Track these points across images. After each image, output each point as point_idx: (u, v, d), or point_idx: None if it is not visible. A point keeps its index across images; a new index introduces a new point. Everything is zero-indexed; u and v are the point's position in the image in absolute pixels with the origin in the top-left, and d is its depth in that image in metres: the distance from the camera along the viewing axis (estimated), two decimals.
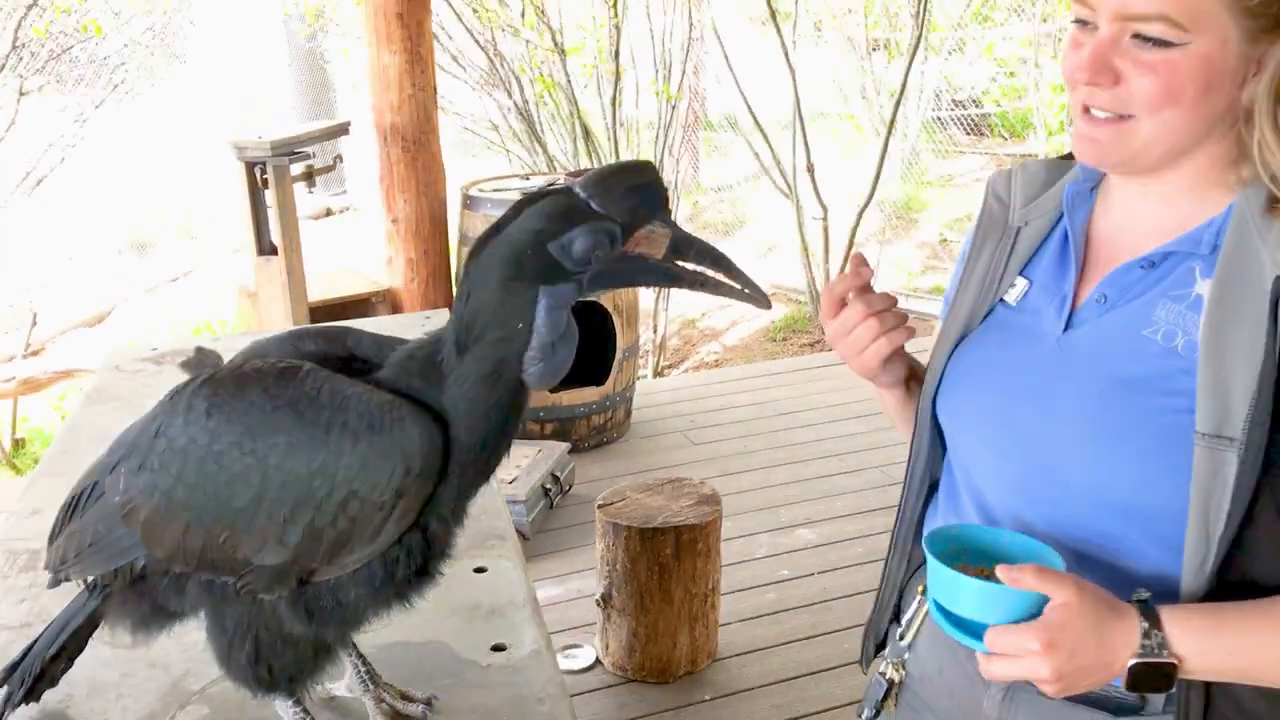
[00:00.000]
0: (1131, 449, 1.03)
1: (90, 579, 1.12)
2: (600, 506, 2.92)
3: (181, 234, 8.64)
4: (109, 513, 1.06)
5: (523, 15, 6.23)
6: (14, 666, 1.16)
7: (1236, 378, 0.97)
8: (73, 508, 1.13)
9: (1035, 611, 0.99)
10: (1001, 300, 1.19)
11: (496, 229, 0.95)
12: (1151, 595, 1.01)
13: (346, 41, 7.22)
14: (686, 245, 0.97)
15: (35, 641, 1.17)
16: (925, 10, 6.58)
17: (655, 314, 6.29)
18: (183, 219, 8.66)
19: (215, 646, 1.08)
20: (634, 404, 4.59)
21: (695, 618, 2.92)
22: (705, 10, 7.14)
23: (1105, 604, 0.98)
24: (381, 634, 1.27)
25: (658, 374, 6.14)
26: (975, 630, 1.02)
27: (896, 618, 1.34)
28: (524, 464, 3.78)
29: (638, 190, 0.93)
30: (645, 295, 6.18)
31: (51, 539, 1.15)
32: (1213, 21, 0.98)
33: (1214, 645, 0.98)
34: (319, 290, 4.18)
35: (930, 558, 1.04)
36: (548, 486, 3.80)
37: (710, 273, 0.98)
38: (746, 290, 0.98)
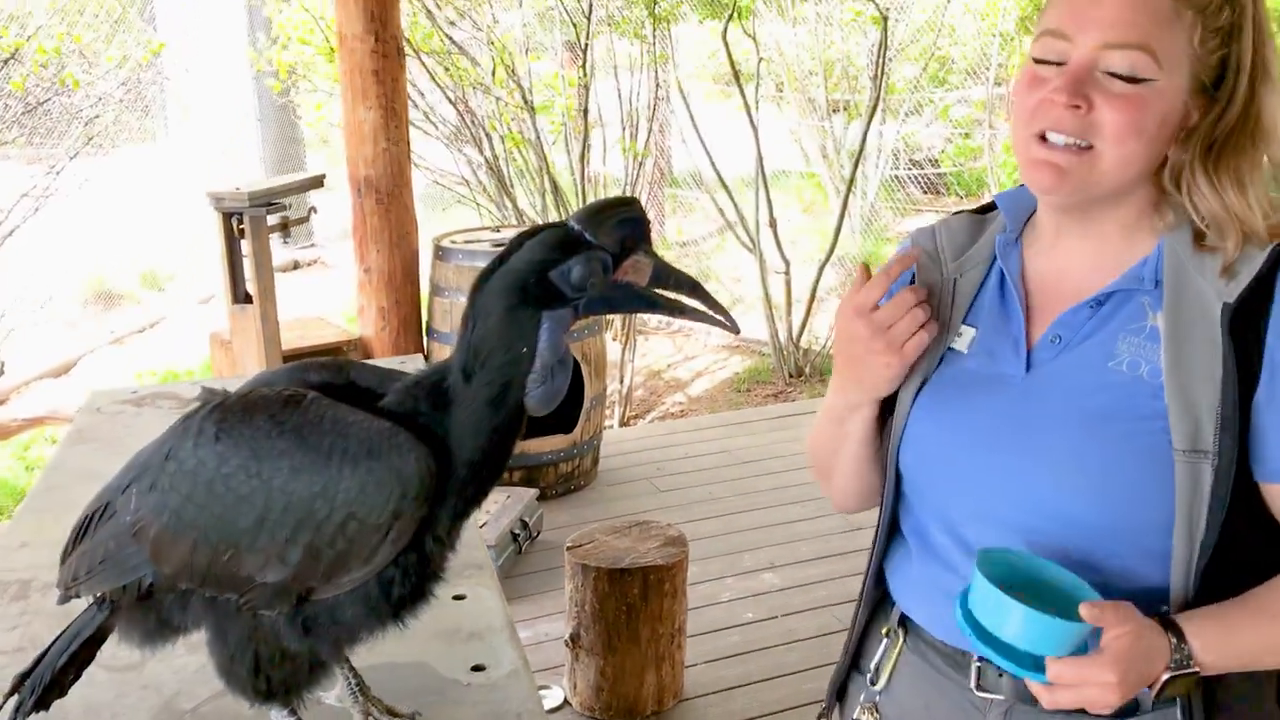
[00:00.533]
0: (1117, 473, 1.10)
1: (100, 595, 1.18)
2: (569, 548, 2.99)
3: (148, 285, 8.65)
4: (120, 531, 1.11)
5: (493, 74, 6.38)
6: (25, 675, 1.20)
7: (1202, 396, 1.08)
8: (85, 528, 1.18)
9: (1081, 641, 1.04)
10: (950, 348, 1.26)
11: (500, 261, 1.03)
12: (1169, 609, 1.09)
13: (318, 97, 7.33)
14: (667, 274, 1.06)
15: (45, 652, 1.21)
16: (883, 74, 6.81)
17: (622, 365, 6.38)
18: (150, 270, 8.68)
19: (216, 659, 1.13)
20: (601, 452, 4.66)
21: (662, 657, 2.98)
22: (670, 71, 7.34)
23: (1148, 626, 1.06)
24: (368, 655, 1.33)
25: (624, 424, 6.22)
26: (1011, 652, 1.05)
27: (856, 664, 1.39)
28: (493, 510, 3.84)
29: (626, 222, 1.02)
30: (613, 346, 6.29)
31: (63, 558, 1.19)
32: (1177, 65, 1.09)
33: (1227, 647, 1.07)
34: (292, 339, 4.24)
35: (984, 581, 1.06)
36: (516, 532, 3.86)
37: (687, 300, 1.07)
38: (719, 316, 1.07)
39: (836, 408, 1.32)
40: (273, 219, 3.94)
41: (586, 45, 6.25)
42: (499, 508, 3.86)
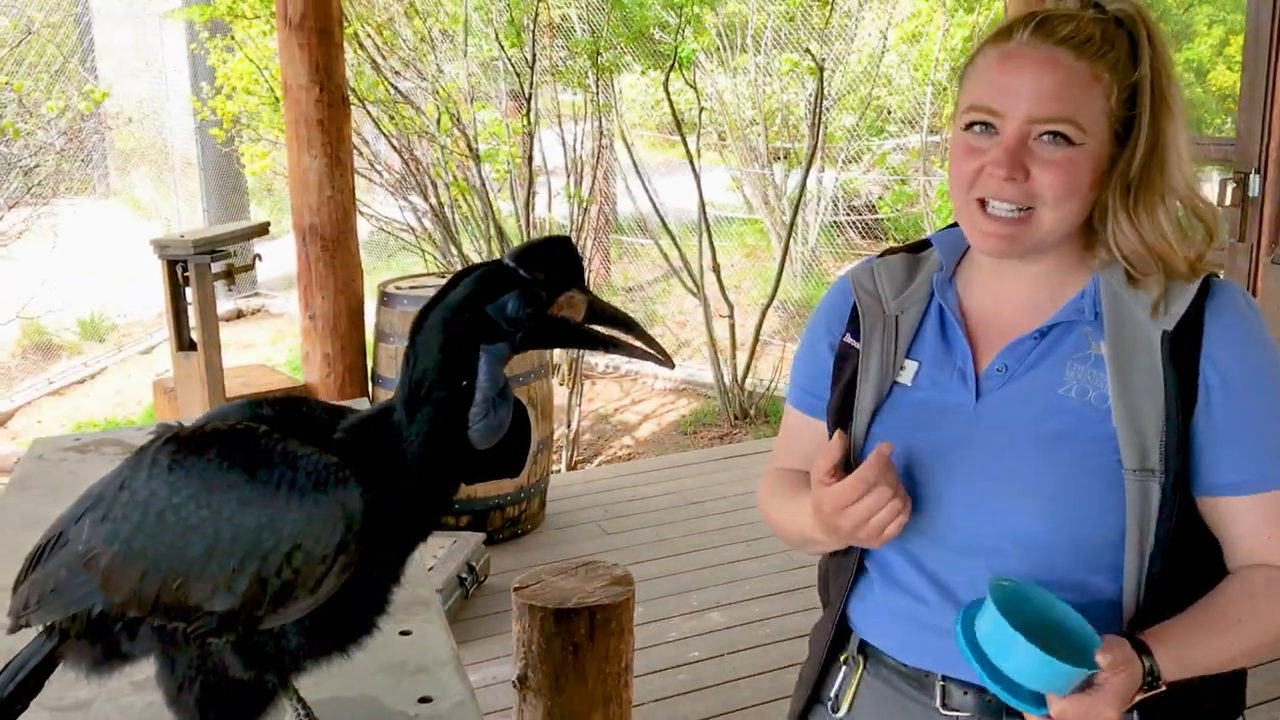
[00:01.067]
0: (1070, 492, 1.17)
1: (49, 624, 1.18)
2: (516, 589, 3.00)
3: (88, 335, 8.54)
4: (72, 560, 1.12)
5: (438, 122, 6.45)
6: None
7: (1147, 418, 1.16)
8: (38, 556, 1.18)
9: (1079, 681, 1.08)
10: (896, 382, 1.31)
11: (438, 299, 1.07)
12: (1139, 631, 1.14)
13: (261, 146, 7.34)
14: (602, 311, 1.10)
15: None
16: (820, 122, 6.99)
17: (569, 409, 6.41)
18: (90, 319, 8.57)
19: (164, 689, 1.14)
20: (548, 496, 4.68)
21: (609, 697, 2.99)
22: (615, 119, 7.46)
23: (1134, 658, 1.10)
24: (315, 689, 1.36)
25: (571, 467, 6.24)
26: (1008, 683, 1.09)
27: (816, 695, 1.42)
28: (439, 554, 3.84)
29: (559, 259, 1.07)
30: (560, 391, 6.32)
31: (15, 586, 1.20)
32: (1098, 124, 1.17)
33: (1188, 661, 1.13)
34: (236, 386, 4.23)
35: (997, 615, 1.09)
36: (463, 576, 3.86)
37: (623, 336, 1.11)
38: (653, 351, 1.12)
39: (813, 536, 1.31)
40: (217, 266, 3.96)
41: (530, 94, 6.35)
42: (445, 552, 3.86)
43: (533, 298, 1.06)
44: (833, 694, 1.38)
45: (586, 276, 1.11)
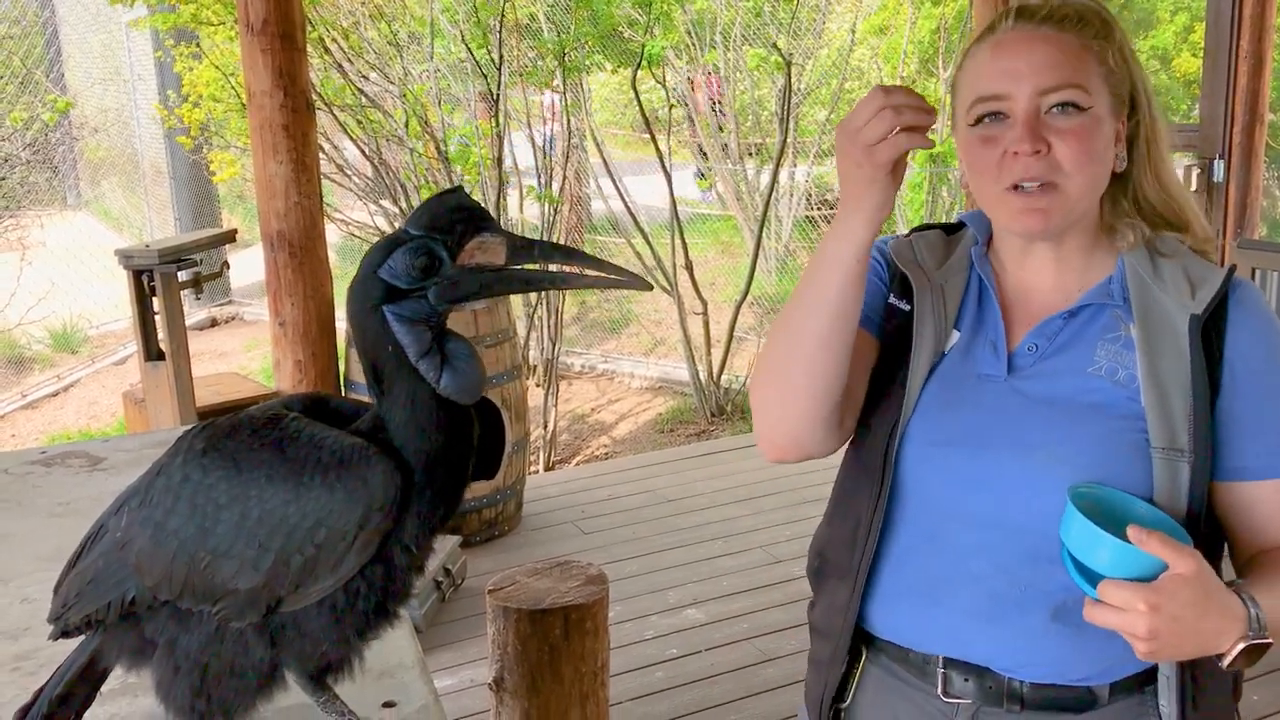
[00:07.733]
0: (1100, 466, 1.18)
1: (88, 619, 1.19)
2: (490, 591, 3.00)
3: (60, 347, 8.48)
4: (109, 549, 1.16)
5: (406, 125, 6.43)
6: (25, 710, 1.22)
7: (1175, 400, 1.18)
8: (78, 554, 1.22)
9: (1153, 576, 1.06)
10: (944, 352, 1.32)
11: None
12: (1245, 581, 1.13)
13: (231, 153, 7.30)
14: (527, 247, 1.08)
15: (44, 686, 1.23)
16: (788, 117, 7.01)
17: (545, 410, 6.41)
18: (62, 331, 8.51)
19: (159, 675, 1.15)
20: (525, 497, 4.68)
21: (586, 696, 3.00)
22: (584, 119, 7.46)
23: (1216, 586, 1.08)
24: (280, 697, 1.36)
25: (549, 468, 6.25)
26: (1096, 581, 1.08)
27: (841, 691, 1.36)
28: None
29: (447, 210, 1.07)
30: (535, 392, 6.32)
31: (56, 587, 1.22)
32: (1099, 91, 1.22)
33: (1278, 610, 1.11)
34: (207, 395, 4.21)
35: (1072, 509, 1.10)
36: (439, 580, 3.86)
37: (570, 268, 1.11)
38: (608, 274, 1.11)
39: (824, 251, 1.22)
40: (184, 275, 3.93)
41: (498, 95, 6.34)
42: None
43: (423, 252, 1.06)
44: (835, 681, 1.37)
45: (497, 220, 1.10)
